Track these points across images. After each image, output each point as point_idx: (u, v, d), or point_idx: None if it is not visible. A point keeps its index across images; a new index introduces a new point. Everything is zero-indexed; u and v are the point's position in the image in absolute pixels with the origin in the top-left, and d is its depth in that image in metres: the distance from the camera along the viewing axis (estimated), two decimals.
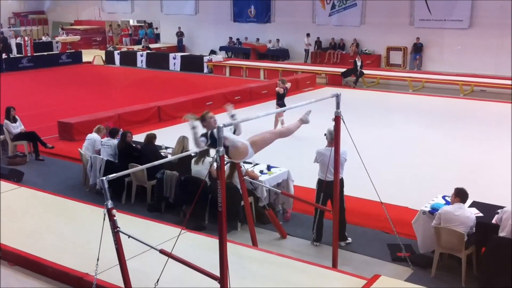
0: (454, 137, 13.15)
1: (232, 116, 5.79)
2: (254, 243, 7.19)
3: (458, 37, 23.66)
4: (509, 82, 19.54)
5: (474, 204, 7.22)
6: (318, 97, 5.64)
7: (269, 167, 8.86)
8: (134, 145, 9.74)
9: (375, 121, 15.06)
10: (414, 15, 24.83)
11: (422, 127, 14.38)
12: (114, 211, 5.26)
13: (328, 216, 7.49)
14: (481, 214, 6.89)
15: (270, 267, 6.42)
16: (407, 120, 15.31)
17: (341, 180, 7.17)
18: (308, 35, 27.15)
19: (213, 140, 5.28)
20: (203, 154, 8.51)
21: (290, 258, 6.73)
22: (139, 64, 27.92)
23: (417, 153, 11.91)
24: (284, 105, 12.59)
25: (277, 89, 13.58)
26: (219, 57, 27.40)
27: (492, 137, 13.21)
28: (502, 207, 6.61)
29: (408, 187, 9.77)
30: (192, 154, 8.62)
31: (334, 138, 6.53)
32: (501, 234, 6.29)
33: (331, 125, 6.49)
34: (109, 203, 5.22)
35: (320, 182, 7.55)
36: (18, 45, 30.04)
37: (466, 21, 23.46)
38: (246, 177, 7.66)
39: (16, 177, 10.14)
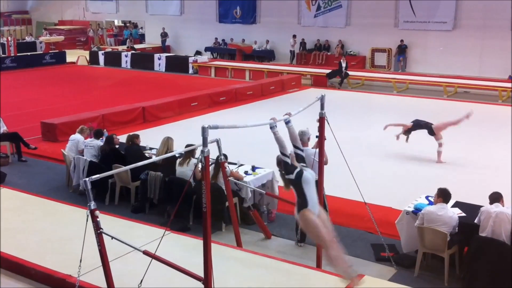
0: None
1: (287, 122, 5.67)
2: (239, 244, 7.19)
3: (442, 39, 23.88)
4: (492, 83, 19.78)
5: (457, 204, 7.28)
6: (303, 97, 5.65)
7: (254, 168, 8.86)
8: (119, 151, 9.63)
9: (360, 122, 15.14)
10: (398, 17, 25.02)
11: None
12: (97, 212, 5.22)
13: None
14: (463, 214, 6.95)
15: (254, 268, 6.42)
16: (391, 120, 15.35)
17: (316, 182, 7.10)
18: (294, 36, 27.21)
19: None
20: (188, 155, 8.49)
21: (274, 258, 6.73)
22: (123, 64, 27.78)
23: (400, 153, 11.97)
24: None
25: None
26: (205, 57, 27.38)
27: (476, 137, 13.33)
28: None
29: (391, 187, 9.83)
30: (177, 155, 8.60)
31: (318, 139, 6.56)
32: (482, 234, 6.35)
33: (315, 125, 6.51)
34: (92, 204, 5.18)
35: None
36: (1, 45, 29.76)
37: (450, 23, 23.68)
38: (230, 178, 7.66)
39: None
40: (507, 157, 11.31)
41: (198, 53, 29.68)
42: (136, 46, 31.27)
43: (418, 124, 11.46)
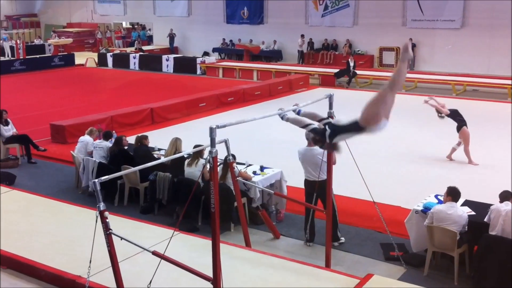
0: (447, 136, 13.16)
1: (299, 112, 5.76)
2: (247, 244, 7.19)
3: (451, 37, 23.79)
4: (501, 81, 19.67)
5: (467, 203, 7.24)
6: (311, 97, 5.65)
7: (262, 168, 8.86)
8: (128, 152, 9.65)
9: None
10: (406, 16, 24.93)
11: (414, 127, 14.44)
12: (106, 213, 5.24)
13: (317, 215, 7.52)
14: (473, 213, 6.92)
15: (263, 268, 6.42)
16: (400, 119, 15.30)
17: (325, 181, 7.08)
18: (302, 36, 27.18)
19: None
20: (196, 156, 8.51)
21: (283, 258, 6.73)
22: (132, 66, 27.85)
23: (409, 152, 11.94)
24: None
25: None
26: (212, 58, 27.42)
27: (485, 136, 13.25)
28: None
29: (400, 186, 9.80)
30: (185, 156, 8.61)
31: None
32: (492, 232, 6.32)
33: None
34: (102, 205, 5.20)
35: (305, 181, 7.60)
36: (11, 48, 29.93)
37: (458, 21, 23.58)
38: (239, 178, 7.66)
39: (8, 180, 10.09)
40: None
41: (205, 54, 29.70)
42: (144, 48, 31.34)
43: (453, 116, 11.13)
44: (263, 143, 12.57)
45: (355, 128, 5.21)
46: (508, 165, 10.68)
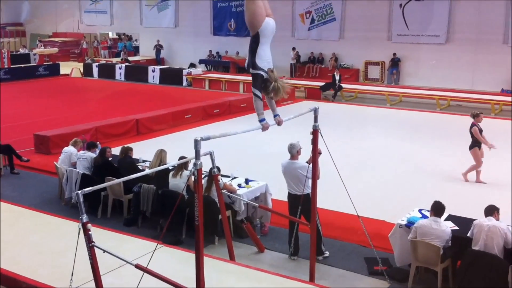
0: (431, 150, 13.30)
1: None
2: (232, 257, 7.15)
3: (435, 52, 24.03)
4: (484, 97, 19.89)
5: (450, 218, 7.29)
6: (297, 110, 5.66)
7: (247, 181, 8.85)
8: (112, 163, 9.58)
9: (353, 135, 15.17)
10: (391, 30, 25.16)
11: (399, 141, 14.52)
12: (89, 225, 5.18)
13: (301, 229, 7.52)
14: (456, 228, 6.95)
15: (247, 282, 6.38)
16: (385, 133, 15.44)
17: (307, 196, 7.12)
18: (294, 48, 27.22)
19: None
20: (181, 167, 8.47)
21: (267, 272, 6.70)
22: (117, 76, 27.75)
23: (394, 166, 12.00)
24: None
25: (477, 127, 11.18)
26: (199, 70, 27.41)
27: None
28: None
29: (384, 200, 9.83)
30: (170, 168, 8.57)
31: (312, 152, 6.57)
32: (475, 247, 6.36)
33: (309, 138, 6.52)
34: (84, 217, 5.14)
35: (288, 195, 7.60)
36: None
37: (442, 36, 23.85)
38: (224, 191, 7.64)
39: None
40: (500, 170, 11.35)
41: (192, 65, 29.71)
42: (130, 58, 31.27)
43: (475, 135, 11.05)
44: (248, 155, 12.57)
45: (253, 41, 5.63)
46: (495, 179, 10.77)
